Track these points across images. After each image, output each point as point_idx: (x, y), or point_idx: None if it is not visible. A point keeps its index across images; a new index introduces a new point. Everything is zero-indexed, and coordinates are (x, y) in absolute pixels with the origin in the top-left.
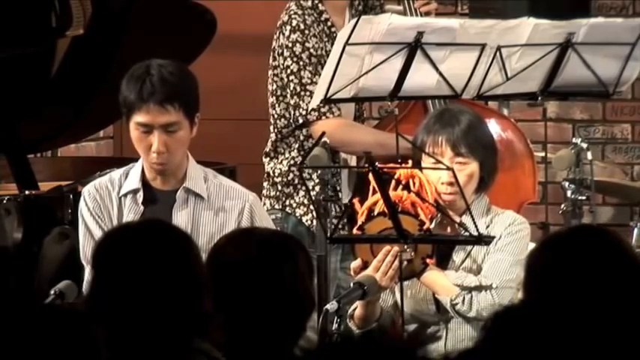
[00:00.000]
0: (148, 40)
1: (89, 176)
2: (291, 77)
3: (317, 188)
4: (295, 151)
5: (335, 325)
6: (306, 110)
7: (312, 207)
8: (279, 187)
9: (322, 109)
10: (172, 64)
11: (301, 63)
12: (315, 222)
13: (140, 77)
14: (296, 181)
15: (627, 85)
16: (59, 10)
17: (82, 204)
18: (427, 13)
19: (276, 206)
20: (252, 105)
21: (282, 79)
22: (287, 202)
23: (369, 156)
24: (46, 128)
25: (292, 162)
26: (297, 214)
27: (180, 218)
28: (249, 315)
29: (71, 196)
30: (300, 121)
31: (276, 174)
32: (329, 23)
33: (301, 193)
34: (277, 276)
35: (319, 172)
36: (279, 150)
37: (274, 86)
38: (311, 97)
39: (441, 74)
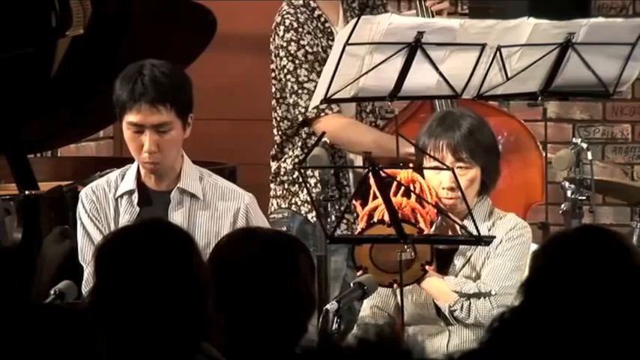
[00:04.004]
0: (148, 40)
1: (89, 176)
2: (288, 76)
3: (317, 188)
4: (299, 149)
5: (335, 325)
6: (305, 108)
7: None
8: (286, 186)
9: (321, 106)
10: (166, 64)
11: (297, 61)
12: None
13: (132, 77)
14: (300, 179)
15: (627, 85)
16: (59, 10)
17: (79, 206)
18: (439, 13)
19: (283, 205)
20: (252, 105)
21: (280, 79)
22: (292, 200)
23: (370, 158)
24: (46, 128)
25: (296, 160)
26: (303, 212)
27: (176, 218)
28: (250, 315)
29: (71, 196)
30: (301, 119)
31: (282, 172)
32: (322, 19)
33: (305, 191)
34: (278, 276)
35: (318, 171)
36: (285, 151)
37: (274, 89)
38: (309, 95)
39: (441, 74)
